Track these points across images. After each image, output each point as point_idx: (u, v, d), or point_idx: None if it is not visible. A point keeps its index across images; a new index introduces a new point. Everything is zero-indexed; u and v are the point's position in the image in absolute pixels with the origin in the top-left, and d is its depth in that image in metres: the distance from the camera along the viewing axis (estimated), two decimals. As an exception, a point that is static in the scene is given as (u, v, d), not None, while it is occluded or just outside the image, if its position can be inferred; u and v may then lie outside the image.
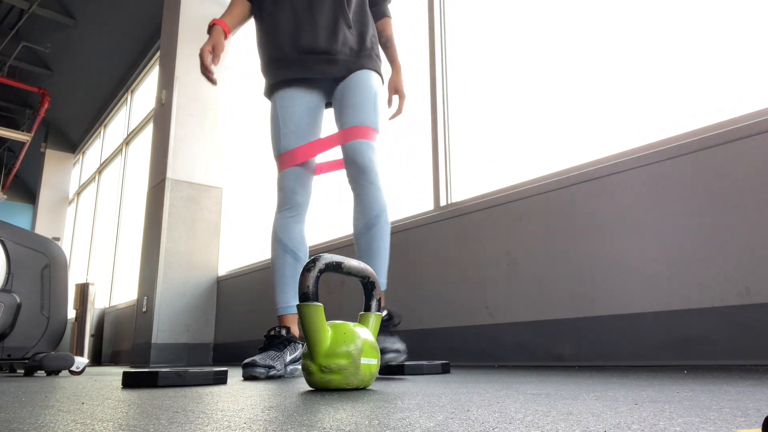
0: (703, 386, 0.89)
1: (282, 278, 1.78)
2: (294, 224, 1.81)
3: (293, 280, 1.78)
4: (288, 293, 1.77)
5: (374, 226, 1.71)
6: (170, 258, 4.19)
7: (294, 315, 1.77)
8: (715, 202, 1.61)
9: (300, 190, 1.82)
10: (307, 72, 1.83)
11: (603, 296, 1.85)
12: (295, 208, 1.82)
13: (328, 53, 1.82)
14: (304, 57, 1.83)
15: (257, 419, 0.61)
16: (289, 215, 1.81)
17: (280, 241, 1.79)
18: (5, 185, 9.16)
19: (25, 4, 6.19)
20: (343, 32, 1.83)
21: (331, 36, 1.82)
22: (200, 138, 4.53)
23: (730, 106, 1.70)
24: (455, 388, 0.99)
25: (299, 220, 1.82)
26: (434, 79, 2.77)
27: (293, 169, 1.81)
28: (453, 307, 2.37)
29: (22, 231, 2.51)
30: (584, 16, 2.19)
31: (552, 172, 2.14)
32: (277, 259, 1.80)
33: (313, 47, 1.82)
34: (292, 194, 1.81)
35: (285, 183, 1.82)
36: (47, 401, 0.91)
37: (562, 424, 0.52)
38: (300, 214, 1.83)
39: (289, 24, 1.83)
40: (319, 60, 1.82)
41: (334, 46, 1.82)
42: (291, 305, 1.77)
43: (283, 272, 1.78)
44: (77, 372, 2.41)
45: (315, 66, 1.82)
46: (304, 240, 1.82)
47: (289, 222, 1.81)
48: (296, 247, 1.79)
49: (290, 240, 1.79)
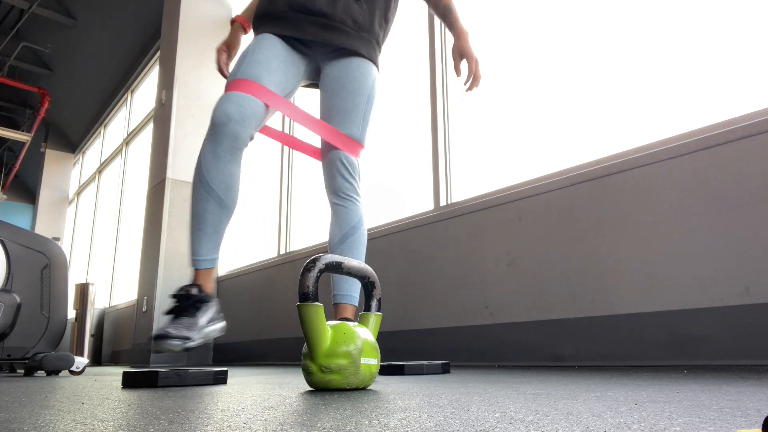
0: (703, 386, 0.89)
1: (200, 225, 1.48)
2: (226, 162, 1.48)
3: (214, 230, 1.50)
4: (205, 244, 1.48)
5: (350, 236, 1.64)
6: (170, 258, 4.19)
7: (209, 270, 1.49)
8: (715, 202, 1.61)
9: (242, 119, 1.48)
10: (298, 31, 1.63)
11: (603, 296, 1.85)
12: (230, 137, 1.47)
13: (325, 16, 1.64)
14: (298, 15, 1.64)
15: (257, 419, 0.61)
16: (220, 148, 1.47)
17: (203, 179, 1.48)
18: (5, 185, 9.16)
19: (25, 4, 6.19)
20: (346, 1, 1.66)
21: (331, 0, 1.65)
22: (200, 138, 4.53)
23: (730, 106, 1.70)
24: (455, 388, 0.99)
25: (233, 157, 1.49)
26: (434, 79, 2.77)
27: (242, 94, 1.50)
28: (453, 307, 2.37)
29: (22, 231, 2.51)
30: (584, 16, 2.19)
31: (552, 172, 2.14)
32: (198, 203, 1.49)
33: (308, 6, 1.64)
34: (228, 119, 1.47)
35: (226, 106, 1.48)
36: (47, 401, 0.91)
37: (562, 424, 0.52)
38: (235, 149, 1.49)
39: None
40: (314, 22, 1.64)
41: (332, 11, 1.64)
42: (206, 258, 1.49)
43: (203, 218, 1.48)
44: (77, 372, 2.41)
45: (308, 27, 1.64)
46: (234, 183, 1.51)
47: (220, 157, 1.47)
48: (224, 191, 1.49)
49: (215, 180, 1.48)
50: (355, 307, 1.64)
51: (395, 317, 2.65)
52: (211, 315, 1.47)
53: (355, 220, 1.65)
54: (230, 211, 1.52)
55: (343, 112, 1.64)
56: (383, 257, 2.78)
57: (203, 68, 4.65)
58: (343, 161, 1.63)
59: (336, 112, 1.65)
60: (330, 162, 1.64)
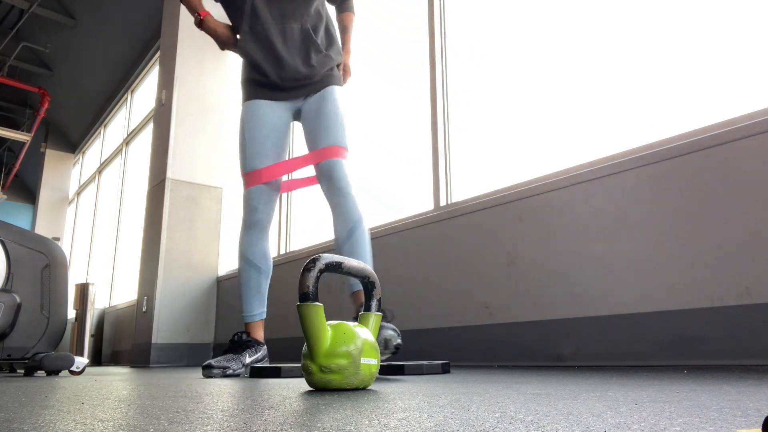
0: (703, 386, 0.89)
1: (247, 290, 1.98)
2: (257, 241, 2.00)
3: (257, 291, 1.99)
4: (253, 303, 1.98)
5: (355, 232, 1.85)
6: (170, 258, 4.19)
7: (258, 322, 1.98)
8: (715, 202, 1.61)
9: (263, 208, 1.99)
10: (289, 96, 2.03)
11: (603, 296, 1.85)
12: (258, 225, 2.00)
13: (308, 78, 2.01)
14: (288, 83, 2.01)
15: (257, 419, 0.61)
16: (253, 233, 2.00)
17: (245, 257, 2.00)
18: (5, 185, 9.16)
19: (25, 4, 6.19)
20: (317, 57, 2.02)
21: (307, 63, 2.00)
22: (200, 138, 4.53)
23: (730, 106, 1.70)
24: (455, 388, 0.99)
25: (262, 237, 2.02)
26: (434, 79, 2.77)
27: (258, 187, 1.98)
28: (453, 307, 2.37)
29: (22, 231, 2.51)
30: (585, 16, 2.19)
31: (552, 172, 2.14)
32: (242, 273, 2.00)
33: (295, 76, 2.00)
34: (255, 212, 1.98)
35: (249, 201, 1.99)
36: (47, 401, 0.91)
37: (562, 424, 0.52)
38: (263, 231, 2.01)
39: (269, 57, 1.99)
40: (300, 85, 2.02)
41: (312, 71, 2.01)
42: (254, 314, 1.98)
43: (248, 285, 1.98)
44: (77, 372, 2.41)
45: (297, 91, 2.02)
46: (267, 255, 2.03)
47: (253, 240, 2.00)
48: (259, 262, 2.00)
49: (254, 256, 1.99)
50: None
51: (395, 317, 2.65)
52: (257, 356, 1.94)
53: (356, 215, 1.87)
54: (268, 275, 2.02)
55: (325, 130, 1.96)
56: (383, 257, 2.78)
57: (203, 68, 4.65)
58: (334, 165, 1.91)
59: (320, 130, 1.97)
60: (322, 169, 1.92)
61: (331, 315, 3.10)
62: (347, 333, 1.04)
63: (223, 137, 4.66)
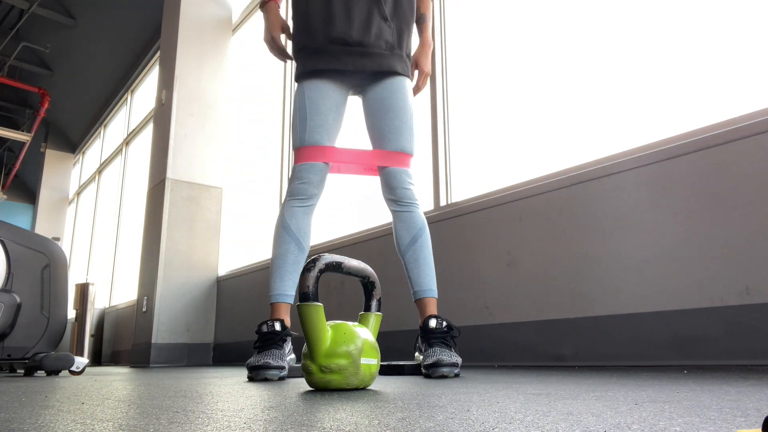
0: (703, 386, 0.89)
1: (283, 265, 1.71)
2: (303, 214, 1.76)
3: (294, 269, 1.72)
4: (286, 281, 1.70)
5: (419, 238, 1.75)
6: (170, 258, 4.19)
7: (288, 304, 1.71)
8: (715, 202, 1.61)
9: (316, 182, 1.77)
10: (339, 64, 1.76)
11: (603, 296, 1.85)
12: (308, 199, 1.77)
13: (361, 45, 1.75)
14: (337, 48, 1.76)
15: (257, 419, 0.61)
16: (300, 204, 1.76)
17: (287, 227, 1.74)
18: (5, 185, 9.16)
19: (25, 4, 6.19)
20: (378, 24, 1.76)
21: (364, 27, 1.75)
22: (200, 138, 4.53)
23: (730, 106, 1.70)
24: (455, 388, 0.99)
25: (309, 211, 1.78)
26: (434, 79, 2.77)
27: (315, 164, 1.77)
28: (453, 307, 2.37)
29: (22, 231, 2.51)
30: (585, 16, 2.19)
31: (552, 172, 2.14)
32: (280, 245, 1.73)
33: (345, 38, 1.74)
34: (308, 185, 1.76)
35: (302, 174, 1.76)
36: (47, 401, 0.91)
37: (562, 424, 0.52)
38: (311, 205, 1.78)
39: (321, 11, 1.77)
40: (352, 52, 1.75)
41: (368, 39, 1.75)
42: (288, 294, 1.70)
43: (285, 259, 1.71)
44: (77, 372, 2.41)
45: (347, 59, 1.75)
46: (309, 232, 1.78)
47: (299, 211, 1.76)
48: (302, 237, 1.74)
49: (298, 228, 1.74)
50: (436, 299, 1.73)
51: (395, 317, 2.65)
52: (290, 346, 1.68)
53: (420, 223, 1.78)
54: (305, 253, 1.77)
55: (394, 131, 1.78)
56: (383, 257, 2.78)
57: (203, 68, 4.65)
58: (401, 176, 1.77)
59: (387, 131, 1.78)
60: (388, 176, 1.78)
61: (331, 315, 3.10)
62: (347, 333, 1.04)
63: (223, 137, 4.66)
